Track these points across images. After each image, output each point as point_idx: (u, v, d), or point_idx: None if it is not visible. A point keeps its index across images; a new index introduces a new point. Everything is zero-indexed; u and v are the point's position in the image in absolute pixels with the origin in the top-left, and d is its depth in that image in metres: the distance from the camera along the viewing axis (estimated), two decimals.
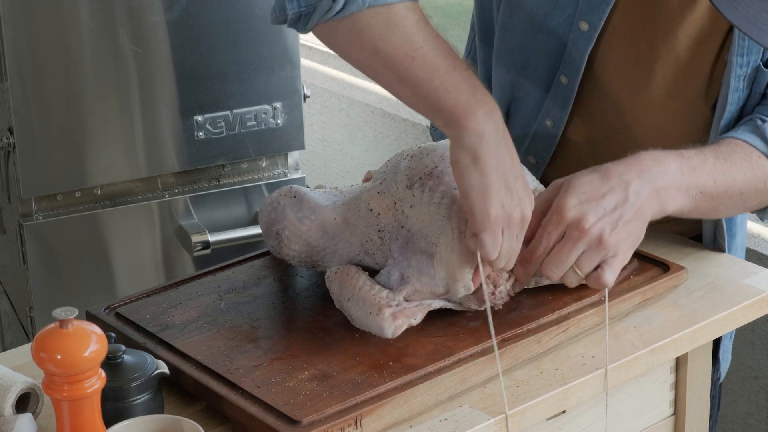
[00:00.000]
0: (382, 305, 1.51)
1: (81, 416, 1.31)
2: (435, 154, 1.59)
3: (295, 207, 1.60)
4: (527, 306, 1.59)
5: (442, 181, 1.55)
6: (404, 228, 1.55)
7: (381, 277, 1.56)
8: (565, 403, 1.53)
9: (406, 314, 1.51)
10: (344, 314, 1.56)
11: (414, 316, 1.52)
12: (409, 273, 1.54)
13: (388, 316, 1.50)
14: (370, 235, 1.58)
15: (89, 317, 1.62)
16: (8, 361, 1.58)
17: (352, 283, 1.55)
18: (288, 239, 1.60)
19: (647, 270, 1.68)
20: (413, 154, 1.60)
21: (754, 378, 2.68)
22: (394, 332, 1.50)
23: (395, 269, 1.55)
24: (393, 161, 1.63)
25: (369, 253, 1.59)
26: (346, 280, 1.56)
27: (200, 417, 1.46)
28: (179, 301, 1.64)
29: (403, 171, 1.59)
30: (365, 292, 1.53)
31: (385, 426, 1.43)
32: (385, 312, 1.50)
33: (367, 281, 1.55)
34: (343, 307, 1.56)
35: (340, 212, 1.59)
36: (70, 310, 1.29)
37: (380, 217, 1.57)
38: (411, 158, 1.60)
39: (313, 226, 1.59)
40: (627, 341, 1.60)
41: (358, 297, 1.53)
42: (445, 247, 1.51)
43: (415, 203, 1.55)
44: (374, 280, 1.56)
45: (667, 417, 1.72)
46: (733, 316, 1.68)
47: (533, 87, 1.84)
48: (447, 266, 1.52)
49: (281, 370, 1.48)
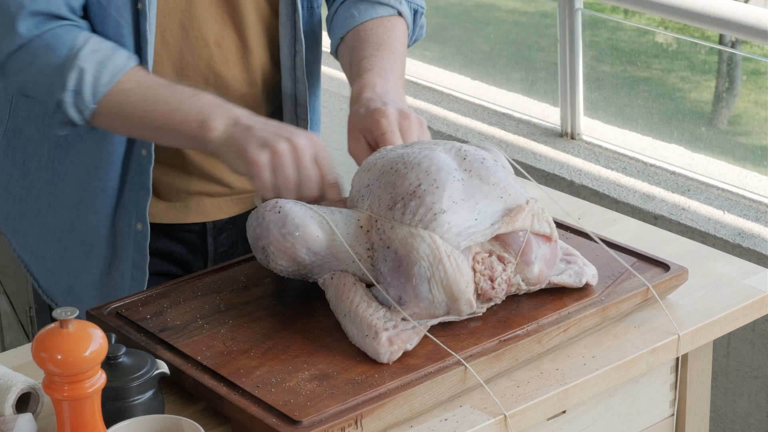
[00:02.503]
0: (378, 329, 1.50)
1: (81, 416, 1.31)
2: (419, 168, 1.55)
3: (279, 223, 1.56)
4: (527, 306, 1.59)
5: (423, 201, 1.53)
6: (390, 249, 1.53)
7: (379, 293, 1.54)
8: (565, 403, 1.53)
9: (402, 339, 1.50)
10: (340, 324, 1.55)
11: (410, 341, 1.50)
12: (406, 297, 1.52)
13: (384, 341, 1.49)
14: (359, 252, 1.56)
15: (89, 317, 1.62)
16: (8, 361, 1.58)
17: (349, 298, 1.54)
18: (274, 254, 1.57)
19: (648, 270, 1.68)
20: (397, 169, 1.56)
21: (754, 378, 2.68)
22: (390, 358, 1.49)
23: (391, 290, 1.53)
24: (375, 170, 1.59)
25: (360, 269, 1.56)
26: (342, 292, 1.55)
27: (200, 417, 1.46)
28: (179, 301, 1.64)
29: (385, 187, 1.56)
30: (362, 311, 1.52)
31: (386, 426, 1.43)
32: (381, 336, 1.49)
33: (365, 297, 1.53)
34: (339, 320, 1.55)
35: (326, 229, 1.56)
36: (71, 310, 1.29)
37: (369, 233, 1.56)
38: (394, 173, 1.57)
39: (296, 242, 1.55)
40: (627, 341, 1.60)
41: (355, 315, 1.52)
42: (438, 269, 1.50)
43: (395, 225, 1.53)
44: (371, 295, 1.54)
45: (667, 417, 1.72)
46: (733, 316, 1.68)
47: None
48: (444, 287, 1.50)
49: (281, 370, 1.48)
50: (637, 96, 3.35)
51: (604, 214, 1.95)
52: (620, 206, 2.88)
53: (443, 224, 1.51)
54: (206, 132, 1.66)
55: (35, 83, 1.72)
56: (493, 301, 1.55)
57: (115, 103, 1.70)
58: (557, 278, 1.60)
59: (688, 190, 2.90)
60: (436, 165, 1.55)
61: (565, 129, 3.23)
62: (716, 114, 3.75)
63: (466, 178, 1.55)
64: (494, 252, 1.54)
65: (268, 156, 1.62)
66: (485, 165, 1.57)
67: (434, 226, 1.51)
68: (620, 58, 3.50)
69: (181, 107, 1.68)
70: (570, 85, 3.17)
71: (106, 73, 1.70)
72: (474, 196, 1.54)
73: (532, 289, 1.59)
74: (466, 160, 1.57)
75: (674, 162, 3.01)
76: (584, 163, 3.09)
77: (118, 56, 1.71)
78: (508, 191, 1.56)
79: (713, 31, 3.63)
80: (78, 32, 1.71)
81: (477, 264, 1.53)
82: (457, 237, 1.51)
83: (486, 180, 1.56)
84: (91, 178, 1.82)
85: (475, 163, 1.57)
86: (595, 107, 3.27)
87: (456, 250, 1.50)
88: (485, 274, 1.53)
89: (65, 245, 1.87)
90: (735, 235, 2.68)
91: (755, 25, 2.71)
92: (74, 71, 1.69)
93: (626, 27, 3.66)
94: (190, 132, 1.67)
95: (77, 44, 1.70)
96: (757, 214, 2.75)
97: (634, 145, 3.13)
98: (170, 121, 1.68)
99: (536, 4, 4.13)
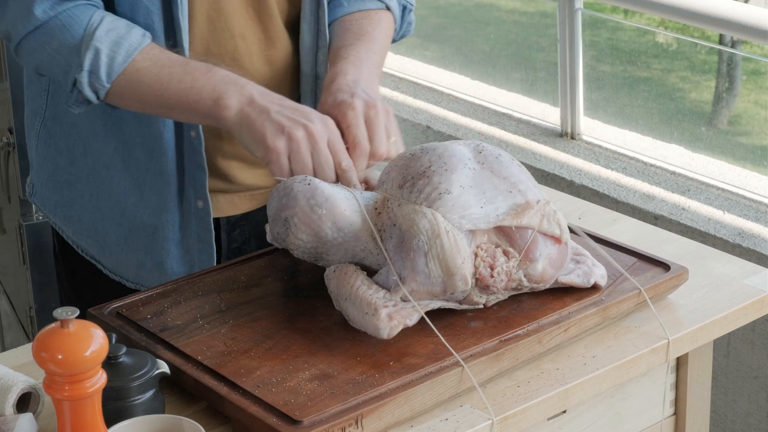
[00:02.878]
0: (378, 306, 1.51)
1: (82, 416, 1.31)
2: (434, 153, 1.59)
3: (308, 194, 1.58)
4: (528, 306, 1.59)
5: (430, 181, 1.55)
6: (396, 226, 1.55)
7: (379, 277, 1.56)
8: (565, 403, 1.53)
9: (402, 315, 1.51)
10: (342, 314, 1.56)
11: (410, 317, 1.51)
12: (405, 273, 1.53)
13: (384, 317, 1.50)
14: (372, 233, 1.57)
15: (90, 317, 1.62)
16: (9, 361, 1.58)
17: (350, 283, 1.55)
18: (296, 227, 1.58)
19: (648, 270, 1.68)
20: (414, 153, 1.61)
21: (754, 378, 2.68)
22: (389, 333, 1.50)
23: (392, 269, 1.55)
24: (398, 159, 1.63)
25: (372, 252, 1.58)
26: (343, 279, 1.56)
27: (201, 417, 1.46)
28: (179, 301, 1.64)
29: (400, 169, 1.59)
30: (362, 292, 1.53)
31: (386, 426, 1.43)
32: (381, 312, 1.50)
33: (365, 281, 1.55)
34: (340, 306, 1.56)
35: (351, 205, 1.59)
36: (71, 309, 1.29)
37: (380, 215, 1.57)
38: (411, 157, 1.60)
39: (323, 216, 1.57)
40: (627, 341, 1.60)
41: (355, 296, 1.53)
42: (435, 243, 1.51)
43: (402, 202, 1.55)
44: (372, 280, 1.56)
45: (667, 417, 1.72)
46: (733, 316, 1.68)
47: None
48: (440, 261, 1.51)
49: (282, 369, 1.48)
50: (637, 96, 3.35)
51: (604, 214, 1.95)
52: (620, 206, 2.88)
53: (446, 203, 1.52)
54: (221, 110, 1.68)
55: (51, 63, 1.74)
56: (491, 289, 1.55)
57: (130, 83, 1.72)
58: (565, 278, 1.61)
59: (688, 190, 2.90)
60: (450, 152, 1.58)
61: (565, 129, 3.23)
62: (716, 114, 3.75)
63: (477, 168, 1.57)
64: (500, 245, 1.55)
65: (285, 143, 1.64)
66: (499, 160, 1.58)
67: (438, 204, 1.52)
68: (620, 58, 3.50)
69: (195, 85, 1.70)
70: (570, 85, 3.17)
71: (121, 52, 1.71)
72: (482, 185, 1.55)
73: (537, 288, 1.59)
74: (482, 153, 1.59)
75: (674, 162, 3.01)
76: (584, 163, 3.09)
77: (132, 35, 1.72)
78: (518, 187, 1.57)
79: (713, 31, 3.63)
80: (93, 11, 1.73)
81: (480, 251, 1.53)
82: (460, 218, 1.52)
83: (497, 173, 1.57)
84: (146, 162, 1.84)
85: (490, 157, 1.58)
86: (595, 107, 3.27)
87: (456, 229, 1.51)
88: (486, 261, 1.53)
89: (128, 228, 1.89)
90: (735, 235, 2.68)
91: (755, 25, 2.71)
92: (90, 51, 1.70)
93: (626, 27, 3.66)
94: (205, 110, 1.69)
95: (92, 23, 1.71)
96: (757, 214, 2.75)
97: (634, 145, 3.13)
98: (185, 100, 1.70)
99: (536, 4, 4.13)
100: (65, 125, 1.90)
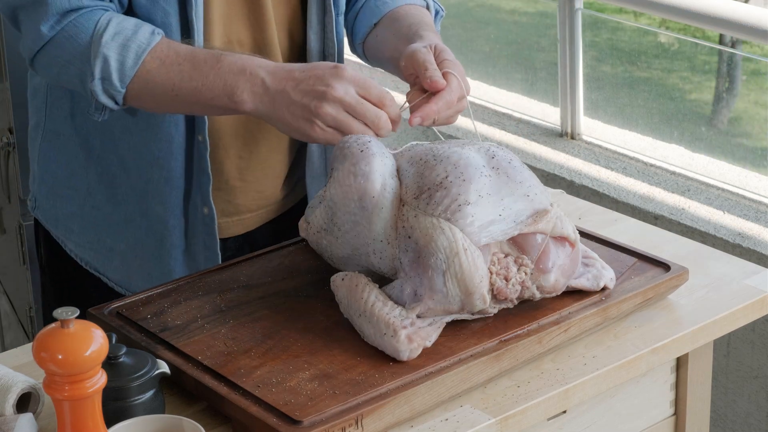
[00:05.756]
0: (397, 327, 1.49)
1: (82, 416, 1.31)
2: (448, 161, 1.56)
3: (353, 159, 1.56)
4: (528, 306, 1.59)
5: (449, 192, 1.54)
6: (411, 239, 1.53)
7: (393, 291, 1.54)
8: (565, 403, 1.53)
9: (421, 336, 1.50)
10: (353, 326, 1.55)
11: (429, 338, 1.51)
12: (421, 291, 1.52)
13: (403, 339, 1.49)
14: (387, 231, 1.57)
15: (90, 317, 1.62)
16: (8, 361, 1.58)
17: (363, 298, 1.53)
18: (334, 180, 1.57)
19: (648, 270, 1.68)
20: (426, 160, 1.58)
21: (754, 378, 2.68)
22: (410, 355, 1.49)
23: (407, 284, 1.53)
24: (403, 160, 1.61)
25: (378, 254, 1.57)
26: (355, 292, 1.55)
27: (201, 417, 1.46)
28: (179, 301, 1.64)
29: (414, 176, 1.57)
30: (378, 310, 1.52)
31: (386, 426, 1.43)
32: (400, 334, 1.49)
33: (379, 296, 1.53)
34: (353, 320, 1.55)
35: (382, 192, 1.56)
36: (71, 309, 1.29)
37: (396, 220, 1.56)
38: (424, 164, 1.57)
39: (355, 185, 1.56)
40: (628, 341, 1.60)
41: (370, 314, 1.52)
42: (453, 261, 1.51)
43: (419, 214, 1.54)
44: (385, 294, 1.54)
45: (667, 417, 1.72)
46: (733, 316, 1.68)
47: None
48: (459, 281, 1.50)
49: (282, 370, 1.48)
50: (637, 96, 3.35)
51: (604, 214, 1.95)
52: (620, 206, 2.88)
53: (467, 216, 1.51)
54: (238, 106, 1.67)
55: (67, 75, 1.73)
56: (507, 299, 1.55)
57: (144, 84, 1.71)
58: (575, 282, 1.60)
59: (688, 190, 2.90)
60: (465, 160, 1.56)
61: (565, 129, 3.23)
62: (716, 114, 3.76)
63: (493, 174, 1.56)
64: (510, 254, 1.55)
65: (320, 126, 1.63)
66: (512, 164, 1.58)
67: (458, 217, 1.51)
68: (620, 59, 3.50)
69: (206, 82, 1.68)
70: (570, 85, 3.17)
71: (130, 56, 1.70)
72: (500, 191, 1.55)
73: (547, 297, 1.59)
74: (495, 159, 1.58)
75: (674, 162, 3.01)
76: (584, 163, 3.09)
77: (140, 35, 1.70)
78: (534, 190, 1.56)
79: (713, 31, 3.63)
80: (99, 15, 1.72)
81: (493, 265, 1.53)
82: (479, 231, 1.51)
83: (513, 178, 1.56)
84: (152, 169, 1.84)
85: (503, 162, 1.58)
86: (595, 107, 3.27)
87: (473, 246, 1.50)
88: (501, 273, 1.53)
89: (135, 236, 1.89)
90: (735, 235, 2.68)
91: (755, 25, 2.71)
92: (99, 59, 1.69)
93: (626, 27, 3.66)
94: (223, 105, 1.69)
95: (99, 29, 1.70)
96: (757, 214, 2.75)
97: (634, 145, 3.13)
98: (201, 98, 1.69)
99: (536, 5, 4.13)
100: (62, 137, 1.89)
